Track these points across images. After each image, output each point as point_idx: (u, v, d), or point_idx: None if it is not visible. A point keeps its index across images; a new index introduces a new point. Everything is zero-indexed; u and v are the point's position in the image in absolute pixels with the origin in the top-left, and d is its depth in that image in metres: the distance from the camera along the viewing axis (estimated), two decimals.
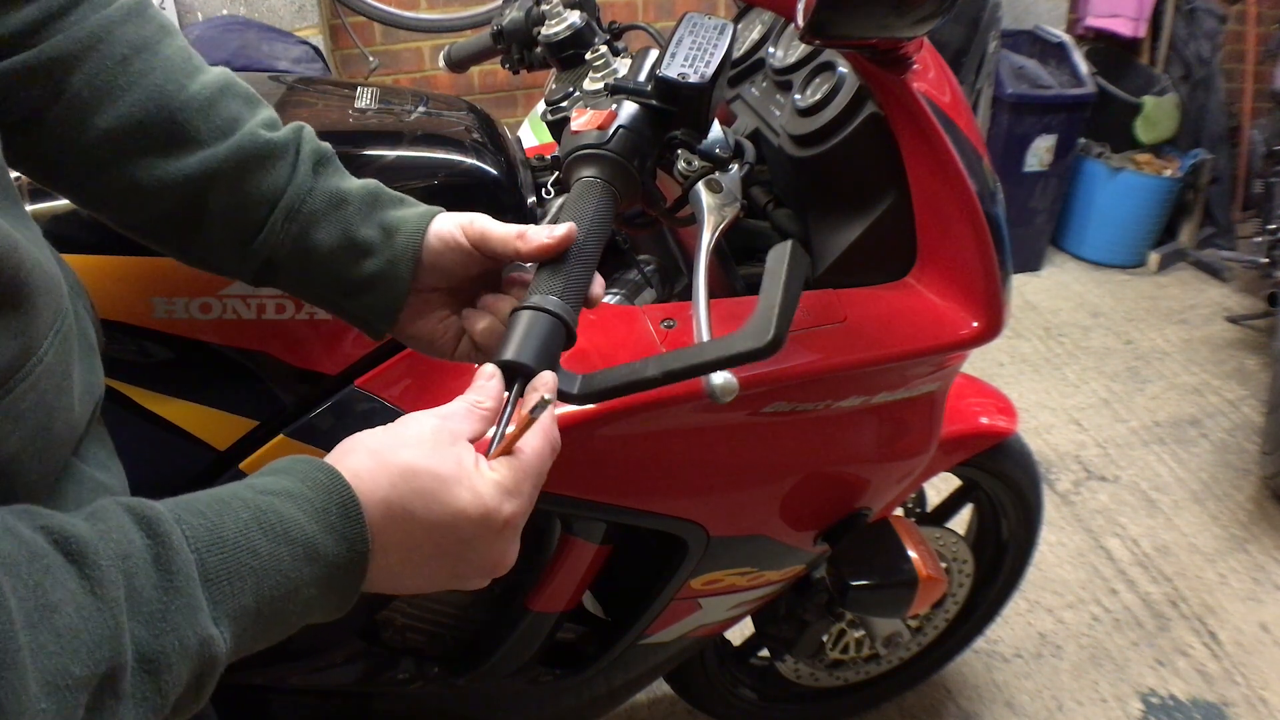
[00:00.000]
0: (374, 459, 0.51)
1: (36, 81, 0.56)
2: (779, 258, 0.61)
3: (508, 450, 0.54)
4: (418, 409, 0.84)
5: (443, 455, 0.52)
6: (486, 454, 0.54)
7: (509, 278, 0.69)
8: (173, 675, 0.41)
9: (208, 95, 0.62)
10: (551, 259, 0.64)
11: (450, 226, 0.66)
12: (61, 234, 0.73)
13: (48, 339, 0.46)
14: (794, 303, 0.59)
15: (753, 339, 0.57)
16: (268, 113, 0.65)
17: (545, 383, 0.59)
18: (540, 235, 0.64)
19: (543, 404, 0.55)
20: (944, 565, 1.41)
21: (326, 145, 0.67)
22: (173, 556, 0.42)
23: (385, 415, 0.84)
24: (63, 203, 0.75)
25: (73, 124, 0.58)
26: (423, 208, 0.68)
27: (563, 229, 0.64)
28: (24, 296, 0.43)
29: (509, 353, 0.59)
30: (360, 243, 0.65)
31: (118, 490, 0.56)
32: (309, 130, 0.67)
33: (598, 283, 0.67)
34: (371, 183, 0.68)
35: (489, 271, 0.68)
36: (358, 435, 0.54)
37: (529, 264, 0.66)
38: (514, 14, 1.09)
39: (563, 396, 0.61)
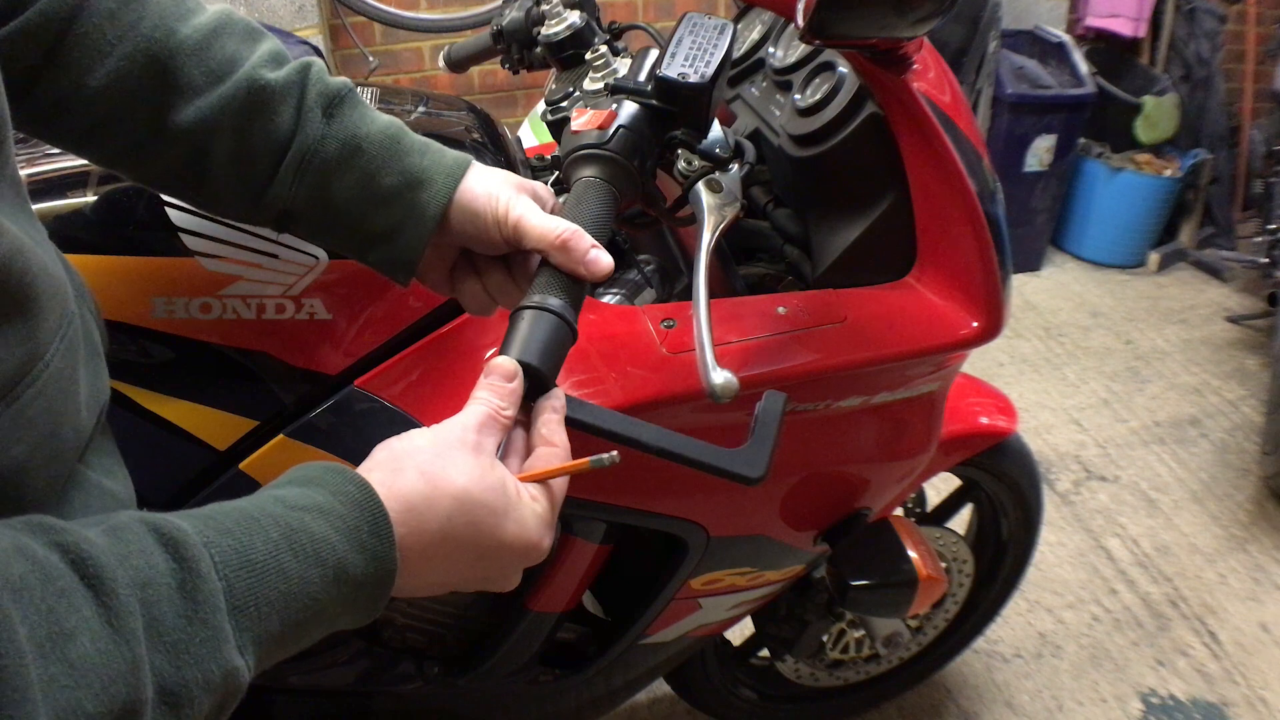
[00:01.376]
0: (428, 484, 0.50)
1: (29, 46, 0.54)
2: (774, 410, 0.66)
3: (540, 479, 0.55)
4: (418, 409, 0.84)
5: (491, 483, 0.51)
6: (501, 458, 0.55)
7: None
8: (195, 708, 0.39)
9: (200, 38, 0.58)
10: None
11: (482, 202, 0.62)
12: (62, 233, 0.73)
13: (54, 344, 0.45)
14: (778, 445, 0.64)
15: (747, 468, 0.62)
16: (269, 45, 0.61)
17: (556, 404, 0.59)
18: (582, 251, 0.61)
19: (610, 459, 0.56)
20: (944, 565, 1.41)
21: (342, 81, 0.63)
22: (199, 584, 0.40)
23: (385, 415, 0.84)
24: (64, 201, 0.75)
25: (68, 85, 0.56)
26: (451, 158, 0.64)
27: (607, 262, 0.62)
28: (30, 301, 0.42)
29: (514, 351, 0.59)
30: (379, 193, 0.61)
31: (124, 498, 0.55)
32: (318, 66, 0.62)
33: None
34: (393, 124, 0.63)
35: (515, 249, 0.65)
36: (401, 449, 0.52)
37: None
38: (514, 14, 1.09)
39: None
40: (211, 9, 0.61)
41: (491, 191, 0.63)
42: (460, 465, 0.51)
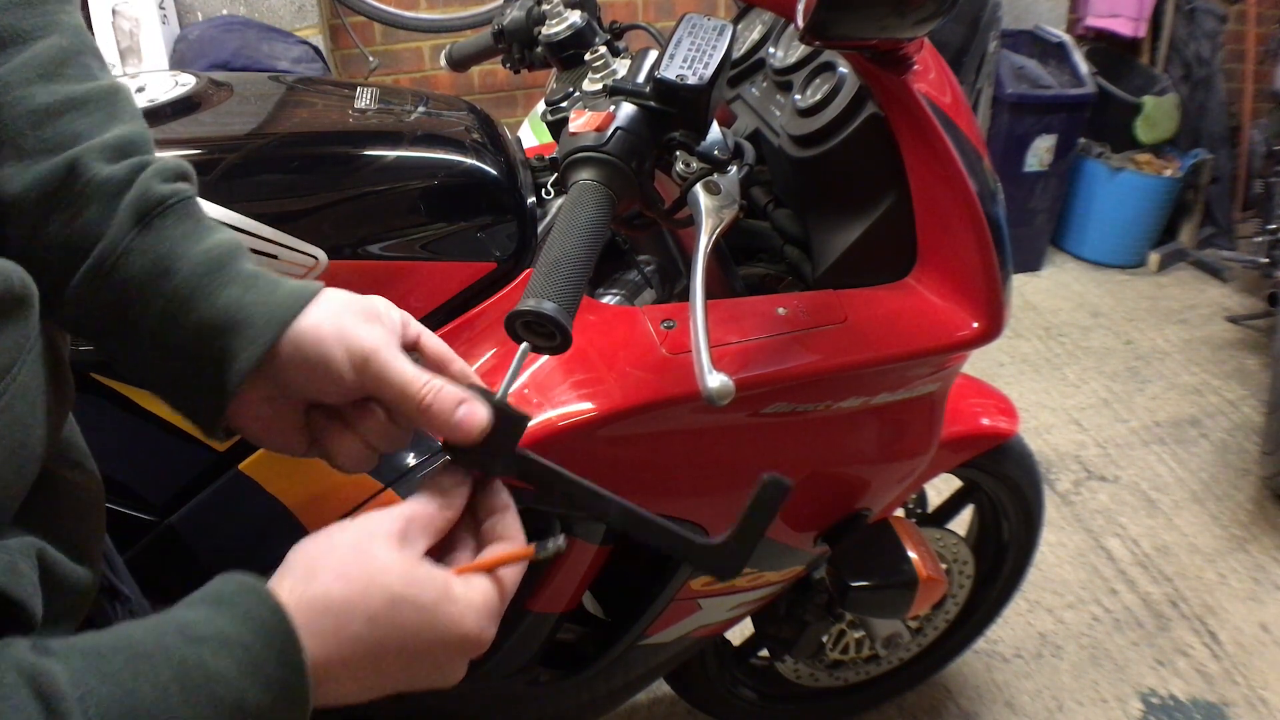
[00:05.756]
0: (347, 586, 0.46)
1: None
2: (771, 500, 0.57)
3: (478, 570, 0.51)
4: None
5: (418, 578, 0.47)
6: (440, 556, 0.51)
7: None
8: None
9: (55, 104, 0.50)
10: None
11: (329, 345, 0.50)
12: None
13: (20, 359, 0.43)
14: (760, 539, 0.58)
15: (720, 564, 0.57)
16: (125, 131, 0.51)
17: (505, 500, 0.54)
18: (447, 414, 0.51)
19: (555, 549, 0.53)
20: (944, 566, 1.41)
21: (174, 189, 0.51)
22: None
23: None
24: None
25: None
26: (285, 292, 0.52)
27: (479, 422, 0.52)
28: None
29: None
30: (182, 331, 0.50)
31: (94, 491, 0.54)
32: (158, 167, 0.51)
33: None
34: (226, 246, 0.52)
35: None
36: (316, 550, 0.47)
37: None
38: (515, 14, 1.09)
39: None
40: (106, 80, 0.53)
41: (343, 330, 0.51)
42: (382, 562, 0.47)
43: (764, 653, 1.50)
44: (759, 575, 1.13)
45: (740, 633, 1.50)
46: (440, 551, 0.52)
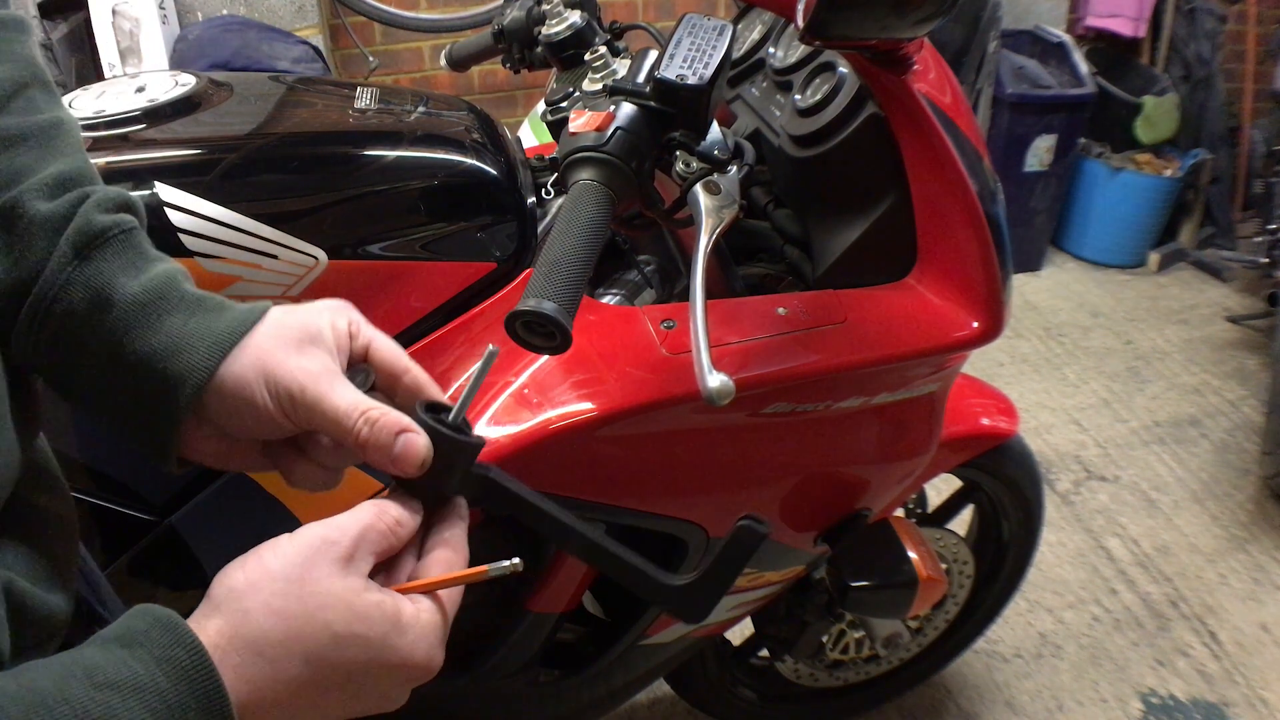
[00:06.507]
0: (282, 624, 0.42)
1: None
2: (745, 545, 0.56)
3: (426, 589, 0.48)
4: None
5: (364, 610, 0.44)
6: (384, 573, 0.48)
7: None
8: None
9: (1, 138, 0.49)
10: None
11: (250, 388, 0.48)
12: None
13: None
14: (731, 584, 0.56)
15: (685, 606, 0.55)
16: (64, 167, 0.50)
17: (462, 513, 0.51)
18: (385, 446, 0.48)
19: (510, 566, 0.49)
20: (944, 566, 1.41)
21: (116, 220, 0.50)
22: None
23: None
24: None
25: None
26: (230, 317, 0.50)
27: (421, 451, 0.49)
28: None
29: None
30: (125, 360, 0.48)
31: (67, 515, 0.52)
32: (99, 198, 0.50)
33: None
34: (164, 273, 0.51)
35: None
36: (246, 581, 0.43)
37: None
38: (515, 13, 1.09)
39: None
40: (49, 114, 0.52)
41: (269, 368, 0.49)
42: (323, 596, 0.43)
43: (764, 653, 1.50)
44: (759, 575, 1.13)
45: (740, 633, 1.50)
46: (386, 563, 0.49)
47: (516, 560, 0.50)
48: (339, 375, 0.50)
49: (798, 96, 0.99)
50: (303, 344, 0.50)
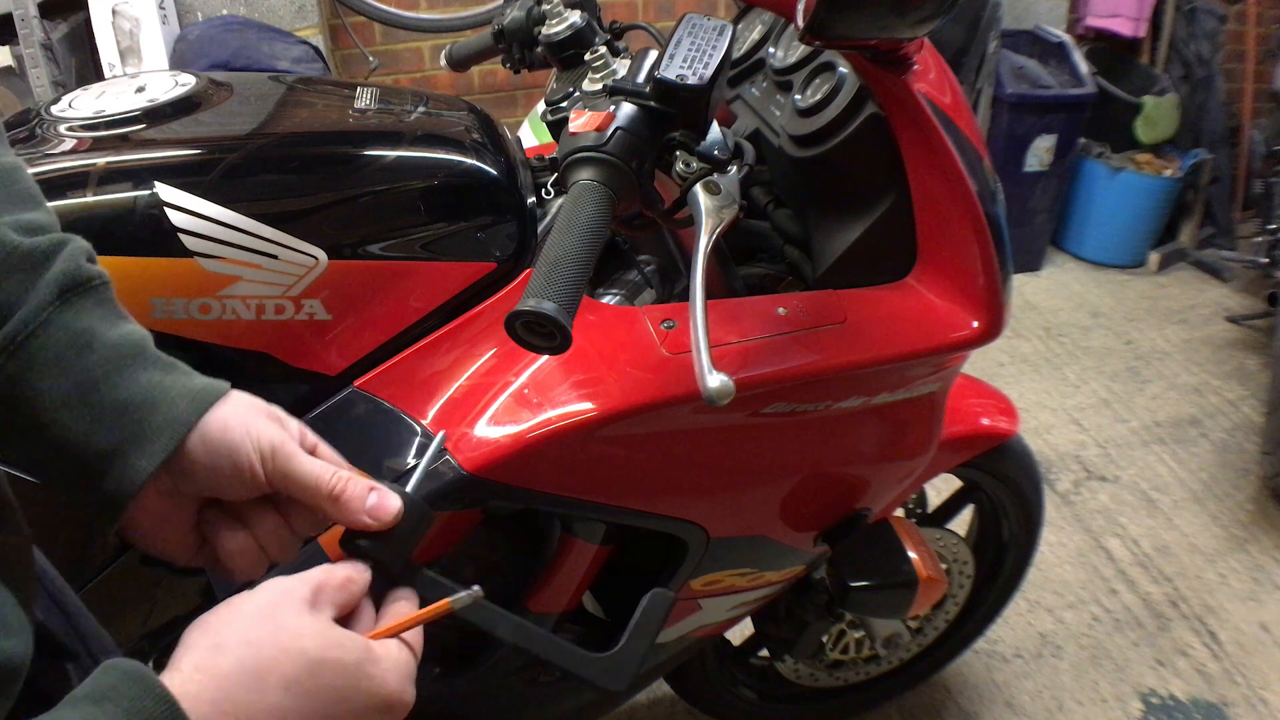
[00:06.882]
0: (256, 656, 0.43)
1: None
2: (655, 613, 0.61)
3: (391, 633, 0.51)
4: (417, 410, 0.84)
5: (336, 639, 0.46)
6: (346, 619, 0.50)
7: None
8: None
9: None
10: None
11: (237, 434, 0.50)
12: None
13: None
14: (649, 651, 0.61)
15: (608, 677, 0.59)
16: (36, 216, 0.51)
17: (408, 594, 0.54)
18: (358, 501, 0.51)
19: (470, 597, 0.53)
20: (944, 566, 1.41)
21: (96, 271, 0.51)
22: None
23: (385, 416, 0.84)
24: (64, 202, 0.75)
25: None
26: (202, 381, 0.52)
27: (393, 506, 0.53)
28: None
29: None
30: (103, 403, 0.48)
31: (23, 551, 0.50)
32: (76, 248, 0.51)
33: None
34: (140, 333, 0.52)
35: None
36: (218, 620, 0.45)
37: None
38: (515, 13, 1.09)
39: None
40: (6, 158, 0.52)
41: (249, 423, 0.51)
42: (294, 626, 0.44)
43: (764, 653, 1.50)
44: (759, 575, 1.13)
45: (740, 633, 1.50)
46: (343, 619, 0.50)
47: (476, 588, 0.53)
48: (302, 450, 0.53)
49: (798, 96, 0.99)
50: (273, 418, 0.53)
